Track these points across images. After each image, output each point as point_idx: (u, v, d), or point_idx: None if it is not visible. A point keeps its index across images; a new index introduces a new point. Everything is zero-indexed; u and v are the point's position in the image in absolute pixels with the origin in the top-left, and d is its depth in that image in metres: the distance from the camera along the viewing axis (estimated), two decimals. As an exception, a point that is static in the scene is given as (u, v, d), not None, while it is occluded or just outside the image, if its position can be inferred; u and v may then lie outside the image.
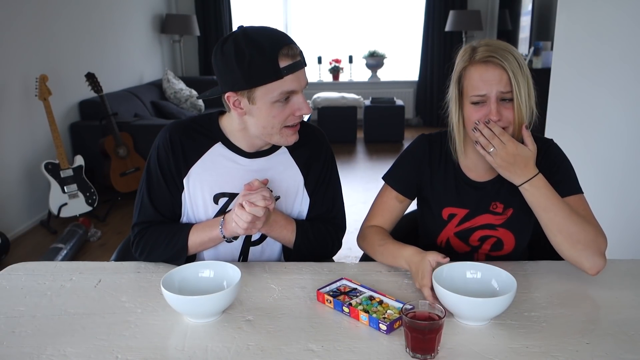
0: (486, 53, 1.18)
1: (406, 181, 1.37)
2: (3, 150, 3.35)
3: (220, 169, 1.30)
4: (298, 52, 1.17)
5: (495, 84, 1.17)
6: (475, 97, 1.19)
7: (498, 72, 1.17)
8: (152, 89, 5.30)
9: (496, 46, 1.19)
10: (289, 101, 1.19)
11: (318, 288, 1.14)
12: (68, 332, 1.02)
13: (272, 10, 6.87)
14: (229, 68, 1.15)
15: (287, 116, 1.20)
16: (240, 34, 1.15)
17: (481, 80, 1.18)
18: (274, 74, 1.14)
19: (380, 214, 1.38)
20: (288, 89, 1.16)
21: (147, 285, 1.21)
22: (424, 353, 0.92)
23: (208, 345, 0.98)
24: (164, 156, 1.29)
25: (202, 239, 1.28)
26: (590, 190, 2.49)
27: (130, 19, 5.27)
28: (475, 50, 1.20)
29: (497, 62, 1.16)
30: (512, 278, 1.06)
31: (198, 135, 1.31)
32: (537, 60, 4.62)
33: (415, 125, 6.98)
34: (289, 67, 1.15)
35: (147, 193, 1.31)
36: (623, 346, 0.95)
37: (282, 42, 1.15)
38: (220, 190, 1.30)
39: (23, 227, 3.53)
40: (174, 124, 1.33)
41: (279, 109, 1.18)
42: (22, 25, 3.50)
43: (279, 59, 1.13)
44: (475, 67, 1.19)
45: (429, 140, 1.38)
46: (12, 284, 1.22)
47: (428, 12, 6.52)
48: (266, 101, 1.17)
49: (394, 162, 1.42)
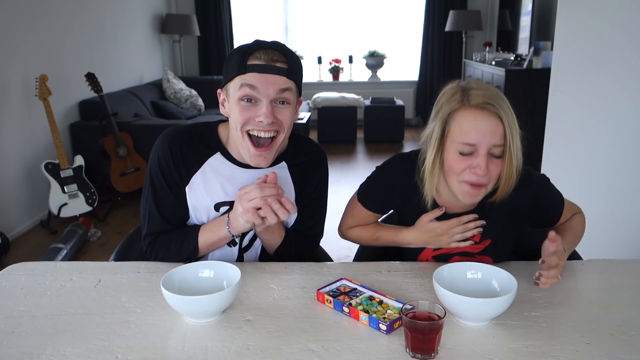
0: (482, 99, 1.08)
1: (381, 203, 1.35)
2: (3, 150, 3.35)
3: (220, 178, 1.30)
4: (280, 60, 1.18)
5: (489, 135, 1.08)
6: (464, 146, 1.10)
7: (494, 123, 1.08)
8: (152, 89, 5.29)
9: (492, 92, 1.10)
10: (255, 105, 1.20)
11: (318, 288, 1.14)
12: (68, 332, 1.02)
13: (272, 10, 6.87)
14: (223, 69, 1.25)
15: (249, 120, 1.20)
16: None
17: (474, 128, 1.08)
18: (239, 69, 1.18)
19: (356, 223, 1.38)
20: (247, 82, 1.17)
21: (147, 285, 1.21)
22: (424, 353, 0.92)
23: (208, 345, 0.98)
24: (165, 165, 1.29)
25: (212, 240, 1.29)
26: (591, 190, 2.50)
27: (130, 19, 5.26)
28: (468, 93, 1.10)
29: (493, 110, 1.07)
30: (512, 278, 1.06)
31: (198, 144, 1.30)
32: (537, 60, 4.61)
33: (415, 125, 6.98)
34: (256, 66, 1.17)
35: (154, 203, 1.30)
36: (623, 346, 0.96)
37: (264, 45, 1.19)
38: (221, 199, 1.31)
39: (23, 227, 3.53)
40: (172, 132, 1.31)
41: (242, 108, 1.20)
42: (22, 25, 3.50)
43: (250, 57, 1.18)
44: (469, 112, 1.09)
45: (403, 165, 1.28)
46: (12, 284, 1.22)
47: (428, 12, 6.52)
48: (234, 97, 1.21)
49: (367, 180, 1.34)
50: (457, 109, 1.10)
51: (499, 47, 6.16)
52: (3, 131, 3.35)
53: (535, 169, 1.30)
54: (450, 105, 1.12)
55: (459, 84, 1.15)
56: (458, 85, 1.15)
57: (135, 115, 4.49)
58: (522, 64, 4.89)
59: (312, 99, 6.04)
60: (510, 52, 5.71)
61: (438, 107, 1.16)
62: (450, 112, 1.11)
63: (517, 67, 4.82)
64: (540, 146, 2.99)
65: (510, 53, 5.67)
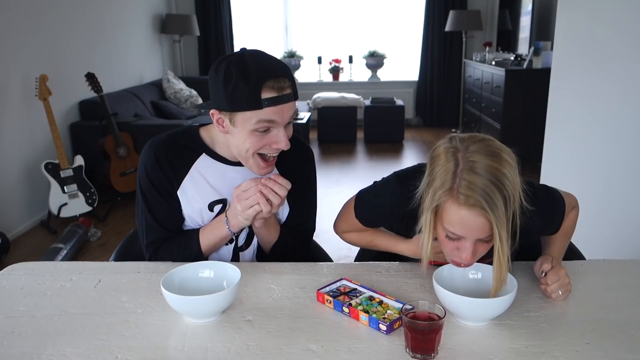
0: (472, 195, 0.98)
1: (376, 221, 1.33)
2: (3, 150, 3.35)
3: (210, 178, 1.32)
4: (287, 86, 1.16)
5: (476, 231, 1.02)
6: (451, 233, 1.05)
7: (480, 222, 1.00)
8: (152, 89, 5.29)
9: (485, 182, 0.98)
10: (268, 132, 1.19)
11: (318, 288, 1.14)
12: (68, 332, 1.02)
13: (272, 10, 6.87)
14: (217, 88, 1.17)
15: (263, 146, 1.20)
16: (237, 57, 1.16)
17: (460, 223, 1.02)
18: (254, 104, 1.14)
19: (351, 230, 1.36)
20: (266, 119, 1.16)
21: (147, 285, 1.21)
22: (424, 353, 0.92)
23: (208, 345, 0.98)
24: (154, 175, 1.30)
25: (214, 241, 1.31)
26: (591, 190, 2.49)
27: (130, 19, 5.26)
28: (460, 182, 1.00)
29: (481, 211, 0.98)
30: (512, 278, 1.06)
31: (182, 149, 1.32)
32: (537, 60, 4.62)
33: (415, 125, 6.98)
34: (271, 100, 1.14)
35: (149, 213, 1.32)
36: (623, 346, 0.96)
37: (271, 73, 1.14)
38: (214, 198, 1.32)
39: (23, 227, 3.53)
40: (155, 143, 1.32)
41: (256, 138, 1.19)
42: (22, 25, 3.50)
43: (263, 89, 1.14)
44: (456, 207, 1.00)
45: (402, 188, 1.20)
46: (12, 284, 1.22)
47: (428, 12, 6.52)
48: (245, 127, 1.18)
49: (363, 195, 1.31)
50: (447, 199, 1.02)
51: (499, 47, 6.16)
52: (3, 131, 3.35)
53: (535, 169, 1.29)
54: (441, 190, 1.02)
55: (455, 154, 1.02)
56: (453, 156, 1.02)
57: (135, 115, 4.49)
58: (522, 64, 4.89)
59: (312, 99, 6.04)
60: (510, 52, 5.71)
61: (430, 176, 1.06)
62: (440, 197, 1.03)
63: (517, 67, 4.82)
64: (541, 146, 2.99)
65: (510, 53, 5.67)
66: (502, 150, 1.03)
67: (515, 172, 1.02)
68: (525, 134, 4.63)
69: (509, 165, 1.01)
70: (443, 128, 6.75)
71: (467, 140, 1.04)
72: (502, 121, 4.75)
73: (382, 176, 1.39)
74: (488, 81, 5.18)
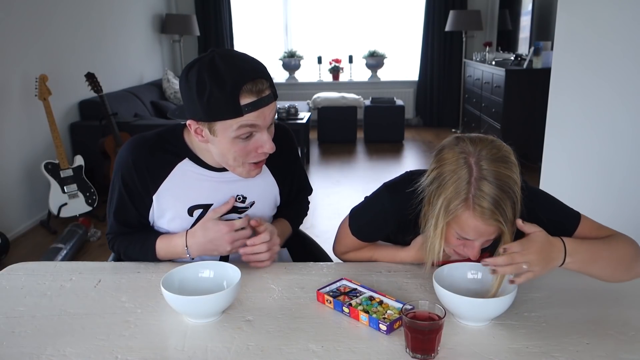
0: (487, 206, 0.99)
1: (372, 235, 1.32)
2: (3, 150, 3.35)
3: (191, 183, 1.27)
4: (266, 87, 1.11)
5: (486, 236, 1.05)
6: (460, 237, 1.07)
7: (492, 229, 1.03)
8: (152, 89, 5.30)
9: (497, 191, 0.99)
10: (252, 137, 1.15)
11: (318, 288, 1.14)
12: (68, 332, 1.02)
13: (272, 10, 6.87)
14: (190, 97, 1.11)
15: (249, 152, 1.17)
16: (207, 62, 1.09)
17: (474, 231, 1.03)
18: (233, 111, 1.09)
19: (350, 249, 1.36)
20: (248, 124, 1.11)
21: (147, 285, 1.21)
22: (424, 353, 0.92)
23: (208, 346, 0.98)
24: (129, 178, 1.26)
25: (171, 255, 1.31)
26: (591, 190, 2.50)
27: (130, 19, 5.27)
28: (476, 192, 0.99)
29: (495, 219, 1.00)
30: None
31: (163, 152, 1.27)
32: (537, 60, 4.62)
33: (415, 125, 6.98)
34: (251, 105, 1.09)
35: (115, 208, 1.32)
36: (623, 346, 0.95)
37: (247, 77, 1.08)
38: (194, 203, 1.28)
39: (23, 227, 3.53)
40: (135, 144, 1.27)
41: (240, 145, 1.14)
42: (22, 25, 3.50)
43: (241, 95, 1.08)
44: (471, 217, 1.01)
45: (392, 200, 1.21)
46: (12, 284, 1.22)
47: (428, 12, 6.52)
48: (226, 135, 1.13)
49: (356, 211, 1.30)
50: (462, 208, 1.01)
51: (499, 47, 6.16)
52: (3, 131, 3.35)
53: (535, 169, 1.28)
54: (456, 198, 1.01)
55: (467, 160, 1.01)
56: (465, 163, 1.01)
57: (135, 115, 4.49)
58: (522, 64, 4.89)
59: (312, 99, 6.04)
60: (510, 52, 5.71)
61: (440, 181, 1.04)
62: (456, 205, 1.01)
63: (517, 67, 4.82)
64: (541, 146, 3.00)
65: (510, 53, 5.67)
66: (510, 153, 1.04)
67: (519, 173, 1.04)
68: (525, 134, 4.63)
69: (516, 168, 1.03)
70: (443, 128, 6.75)
71: (478, 144, 1.03)
72: (502, 121, 4.75)
73: (382, 176, 1.39)
74: (488, 81, 5.18)
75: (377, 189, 1.27)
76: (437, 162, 1.07)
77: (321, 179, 4.69)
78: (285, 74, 6.93)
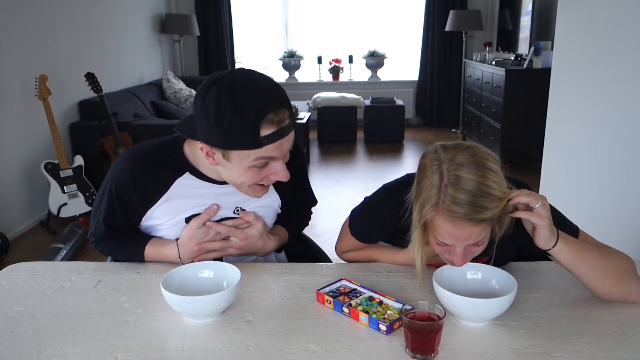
0: (456, 210, 0.98)
1: (371, 237, 1.33)
2: (3, 150, 3.35)
3: (190, 196, 1.25)
4: (286, 116, 1.07)
5: (465, 240, 1.03)
6: (441, 243, 1.06)
7: (467, 232, 1.01)
8: (152, 89, 5.29)
9: (468, 195, 0.98)
10: (267, 165, 1.13)
11: (318, 288, 1.14)
12: (68, 332, 1.02)
13: (272, 10, 6.86)
14: (206, 122, 1.07)
15: (261, 178, 1.15)
16: (227, 85, 1.04)
17: (448, 235, 1.03)
18: (252, 143, 1.06)
19: (350, 249, 1.36)
20: (265, 156, 1.09)
21: (146, 285, 1.21)
22: (423, 353, 0.92)
23: (208, 346, 0.98)
24: (123, 192, 1.23)
25: (159, 259, 1.30)
26: (591, 190, 2.50)
27: (130, 19, 5.26)
28: (445, 197, 0.99)
29: (467, 220, 0.99)
30: (512, 279, 1.06)
31: (162, 168, 1.24)
32: (537, 60, 4.61)
33: (415, 125, 6.98)
34: (270, 136, 1.06)
35: (103, 214, 1.28)
36: (623, 346, 0.95)
37: (269, 106, 1.04)
38: (192, 213, 1.26)
39: (23, 227, 3.53)
40: (134, 160, 1.24)
41: (254, 172, 1.12)
42: (22, 25, 3.49)
43: (262, 126, 1.04)
44: (443, 221, 1.01)
45: (391, 203, 1.20)
46: (11, 284, 1.22)
47: (428, 12, 6.52)
48: (242, 163, 1.10)
49: (356, 213, 1.31)
50: (434, 214, 1.02)
51: (499, 47, 6.16)
52: (3, 131, 3.35)
53: (535, 169, 1.28)
54: (428, 203, 1.02)
55: (440, 167, 1.02)
56: (438, 169, 1.02)
57: (135, 115, 4.49)
58: (522, 64, 4.89)
59: (312, 99, 6.04)
60: (511, 52, 5.71)
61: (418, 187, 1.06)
62: (428, 210, 1.03)
63: (517, 67, 4.82)
64: (541, 146, 2.99)
65: (511, 53, 5.67)
66: (487, 159, 1.02)
67: (500, 177, 1.02)
68: (525, 134, 4.63)
69: (493, 173, 1.01)
70: (443, 128, 6.75)
71: (452, 151, 1.04)
72: (502, 121, 4.74)
73: (382, 176, 1.40)
74: (488, 81, 5.18)
75: (377, 191, 1.27)
76: (418, 169, 1.09)
77: (321, 179, 4.69)
78: (285, 74, 6.93)
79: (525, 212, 1.03)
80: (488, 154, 1.04)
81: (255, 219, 1.27)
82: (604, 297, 1.10)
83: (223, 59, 6.58)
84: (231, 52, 6.69)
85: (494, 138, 4.93)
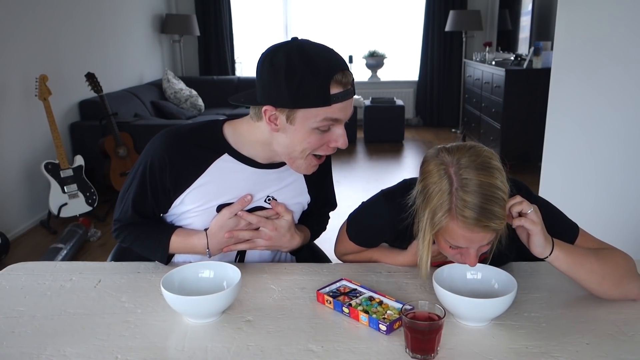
0: (471, 215, 0.98)
1: (369, 241, 1.33)
2: (3, 150, 3.35)
3: (225, 180, 1.23)
4: (351, 80, 1.10)
5: (479, 242, 1.04)
6: (454, 246, 1.06)
7: (482, 235, 1.02)
8: (152, 89, 5.30)
9: (479, 198, 0.98)
10: (329, 130, 1.12)
11: (318, 289, 1.14)
12: (68, 332, 1.02)
13: (272, 10, 6.86)
14: (275, 82, 1.07)
15: (321, 145, 1.14)
16: (295, 47, 1.07)
17: (464, 239, 1.03)
18: (322, 100, 1.06)
19: (349, 252, 1.36)
20: (332, 117, 1.09)
21: (147, 285, 1.21)
22: (423, 353, 0.92)
23: (208, 346, 0.98)
24: (158, 174, 1.21)
25: (186, 250, 1.28)
26: (591, 189, 2.50)
27: (130, 19, 5.26)
28: (457, 202, 0.99)
29: (482, 226, 0.99)
30: (512, 279, 1.06)
31: (200, 149, 1.22)
32: (537, 60, 4.62)
33: (415, 125, 6.98)
34: (339, 95, 1.07)
35: (132, 197, 1.25)
36: (623, 346, 0.96)
37: (338, 66, 1.07)
38: (225, 201, 1.24)
39: (23, 227, 3.53)
40: (172, 139, 1.22)
41: (316, 137, 1.12)
42: (22, 25, 3.50)
43: (331, 84, 1.06)
44: (457, 226, 1.01)
45: (389, 208, 1.21)
46: (11, 284, 1.22)
47: (428, 12, 6.52)
48: (306, 125, 1.10)
49: (354, 217, 1.31)
50: (447, 219, 1.01)
51: (499, 47, 6.16)
52: (3, 131, 3.35)
53: (535, 169, 1.28)
54: (440, 209, 1.01)
55: (447, 171, 1.01)
56: (445, 174, 1.01)
57: (135, 115, 4.49)
58: (522, 64, 4.89)
59: (312, 99, 6.04)
60: (510, 52, 5.71)
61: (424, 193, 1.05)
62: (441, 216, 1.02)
63: (517, 67, 4.82)
64: (540, 146, 3.00)
65: (510, 53, 5.67)
66: (491, 157, 1.03)
67: (504, 175, 1.03)
68: (525, 134, 4.63)
69: (499, 172, 1.02)
70: (443, 128, 6.75)
71: (456, 153, 1.03)
72: (502, 121, 4.75)
73: (381, 176, 1.40)
74: (488, 81, 5.18)
75: (374, 196, 1.27)
76: (422, 175, 1.08)
77: (321, 179, 4.68)
78: (285, 74, 6.92)
79: (518, 218, 1.04)
80: (491, 152, 1.05)
81: (285, 210, 1.26)
82: (604, 298, 1.11)
83: (223, 59, 6.59)
84: (231, 52, 6.69)
85: (493, 138, 4.93)
